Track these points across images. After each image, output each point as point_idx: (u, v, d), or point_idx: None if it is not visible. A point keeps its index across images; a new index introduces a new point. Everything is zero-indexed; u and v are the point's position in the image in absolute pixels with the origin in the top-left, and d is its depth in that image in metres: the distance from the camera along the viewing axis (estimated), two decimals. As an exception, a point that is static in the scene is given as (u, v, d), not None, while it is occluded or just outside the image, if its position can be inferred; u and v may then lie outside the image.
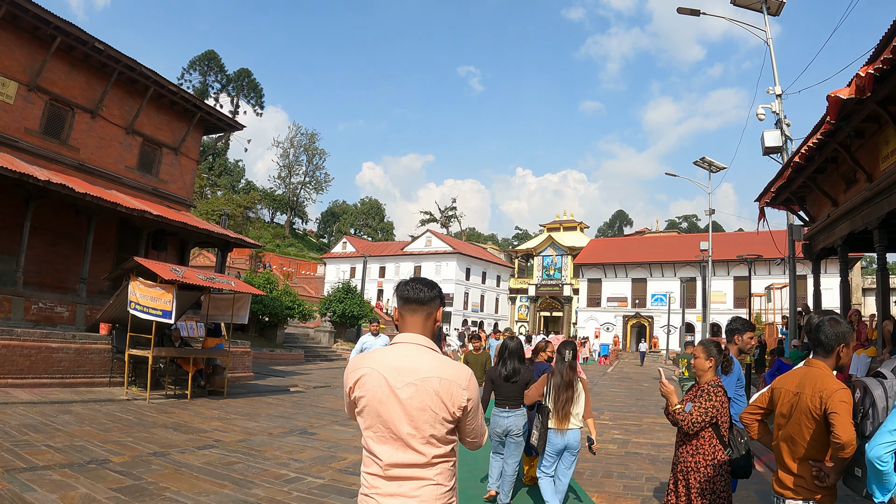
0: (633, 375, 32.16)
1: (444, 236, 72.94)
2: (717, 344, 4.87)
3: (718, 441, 4.53)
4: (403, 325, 2.68)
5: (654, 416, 15.93)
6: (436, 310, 2.70)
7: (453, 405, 2.47)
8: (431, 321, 2.68)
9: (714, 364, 4.74)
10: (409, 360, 2.51)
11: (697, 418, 4.47)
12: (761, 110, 18.79)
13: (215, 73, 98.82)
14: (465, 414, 2.53)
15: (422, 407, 2.44)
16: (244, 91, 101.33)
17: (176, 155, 22.51)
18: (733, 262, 53.36)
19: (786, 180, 13.62)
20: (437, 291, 2.71)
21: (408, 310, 2.67)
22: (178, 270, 14.03)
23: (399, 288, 2.72)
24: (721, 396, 4.53)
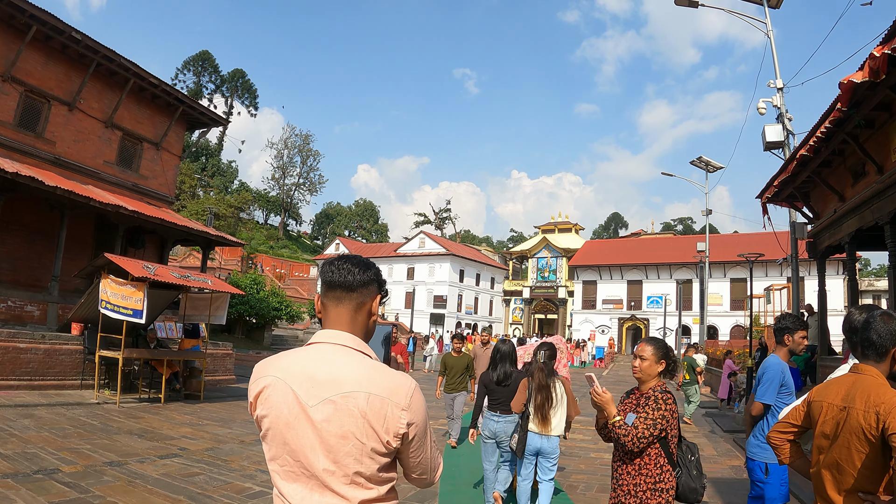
0: (629, 379, 31.40)
1: (437, 238, 72.24)
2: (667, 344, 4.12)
3: (666, 459, 3.74)
4: (326, 318, 1.99)
5: (651, 421, 15.32)
6: (370, 299, 2.00)
7: (387, 432, 1.80)
8: (364, 314, 2.00)
9: (665, 368, 3.98)
10: (329, 367, 1.84)
11: (644, 432, 3.66)
12: (762, 104, 18.19)
13: (209, 73, 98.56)
14: (405, 443, 1.86)
15: (342, 433, 1.77)
16: (238, 92, 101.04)
17: (157, 150, 21.80)
18: (730, 263, 52.88)
19: (790, 174, 12.96)
20: (372, 274, 2.01)
21: (332, 298, 1.98)
22: (151, 268, 13.32)
23: (322, 269, 2.02)
24: (671, 404, 3.76)
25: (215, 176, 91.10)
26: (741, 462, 10.31)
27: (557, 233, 69.44)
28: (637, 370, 3.99)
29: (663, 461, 3.72)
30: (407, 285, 64.28)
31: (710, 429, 14.38)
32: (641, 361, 3.98)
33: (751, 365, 15.29)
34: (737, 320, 52.10)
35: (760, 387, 4.96)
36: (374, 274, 2.02)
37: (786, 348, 5.05)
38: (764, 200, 15.35)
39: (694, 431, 13.77)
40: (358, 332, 1.96)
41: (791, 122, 17.69)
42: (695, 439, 12.64)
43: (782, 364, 4.91)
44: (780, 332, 5.11)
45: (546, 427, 5.96)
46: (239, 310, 28.02)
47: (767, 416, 4.87)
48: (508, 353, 7.01)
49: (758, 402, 4.93)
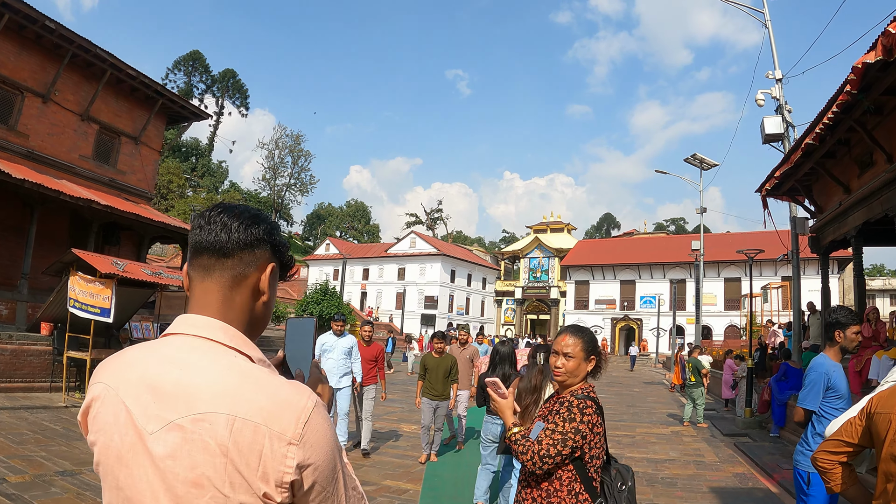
0: (623, 380, 30.83)
1: (428, 238, 71.54)
2: (594, 335, 3.15)
3: (583, 486, 2.79)
4: (191, 298, 1.26)
5: (647, 425, 14.64)
6: (255, 268, 1.27)
7: (265, 479, 1.08)
8: (246, 292, 1.26)
9: (595, 367, 3.01)
10: (179, 372, 1.13)
11: (548, 450, 2.74)
12: (760, 96, 17.63)
13: (200, 73, 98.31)
14: (300, 497, 1.12)
15: (195, 479, 1.06)
16: (229, 91, 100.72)
17: (136, 144, 21.10)
18: (724, 262, 52.44)
19: (793, 165, 12.33)
20: (260, 231, 1.27)
21: (198, 267, 1.26)
22: (120, 264, 12.65)
23: (191, 226, 1.28)
24: (591, 415, 2.79)
25: (205, 176, 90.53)
26: (745, 469, 9.71)
27: (549, 233, 68.77)
28: (560, 372, 2.98)
29: (579, 488, 2.79)
30: (398, 286, 63.64)
31: (709, 432, 13.76)
32: (567, 360, 2.97)
33: (751, 366, 14.67)
34: (731, 320, 51.66)
35: (803, 390, 4.27)
36: (265, 231, 1.28)
37: (836, 346, 4.27)
38: (764, 194, 14.75)
39: (692, 435, 13.16)
40: (235, 318, 1.24)
41: (791, 114, 17.17)
42: (693, 444, 12.03)
43: (829, 364, 4.18)
44: (830, 327, 4.32)
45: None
46: (223, 310, 27.14)
47: (814, 421, 4.15)
48: (508, 355, 6.91)
49: (799, 408, 4.24)
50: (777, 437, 12.64)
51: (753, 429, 13.87)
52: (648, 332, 54.49)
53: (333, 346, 9.03)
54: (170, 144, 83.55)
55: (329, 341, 9.14)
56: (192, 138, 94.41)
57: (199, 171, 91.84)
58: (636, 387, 26.43)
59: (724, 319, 52.21)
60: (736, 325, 50.68)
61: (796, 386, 12.66)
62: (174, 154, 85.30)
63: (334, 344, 9.07)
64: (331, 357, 8.95)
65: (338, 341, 9.08)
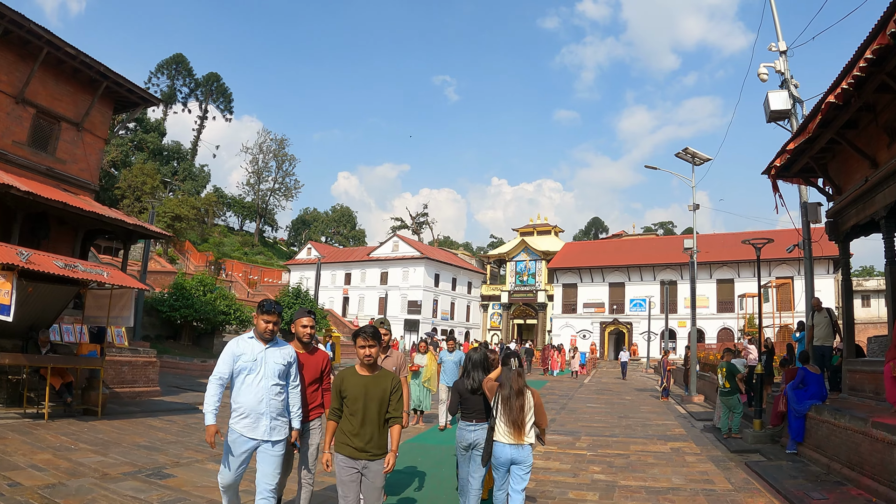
0: (613, 386, 28.96)
1: (411, 241, 69.62)
2: None
3: None
4: None
5: (643, 440, 12.78)
6: None
7: None
8: None
9: None
10: None
11: None
12: (763, 70, 15.93)
13: (183, 77, 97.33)
14: None
15: None
16: (213, 95, 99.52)
17: (78, 131, 19.10)
18: (716, 264, 50.88)
19: (810, 136, 10.51)
20: None
21: None
22: (24, 254, 10.71)
23: None
24: None
25: (186, 180, 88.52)
26: (766, 499, 7.86)
27: (536, 235, 67.05)
28: None
29: None
30: (380, 290, 61.75)
31: (715, 448, 11.91)
32: None
33: (760, 371, 12.80)
34: (724, 323, 50.03)
35: None
36: None
37: None
38: (773, 175, 12.92)
39: (696, 454, 11.30)
40: None
41: (797, 89, 15.46)
42: (699, 465, 10.17)
43: None
44: None
45: (520, 436, 5.80)
46: (184, 314, 25.39)
47: None
48: (480, 361, 6.70)
49: None
50: (795, 454, 10.79)
51: (765, 444, 12.04)
52: (639, 335, 52.74)
53: (259, 361, 5.15)
54: (150, 147, 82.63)
55: (249, 351, 5.20)
56: (174, 142, 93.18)
57: (181, 174, 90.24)
58: (628, 394, 24.54)
59: (717, 322, 50.54)
60: (730, 328, 49.05)
61: (817, 394, 10.83)
62: (154, 157, 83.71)
63: (259, 356, 5.18)
64: (252, 381, 5.10)
65: (267, 352, 5.21)
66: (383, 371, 5.02)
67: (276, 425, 5.11)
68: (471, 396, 6.52)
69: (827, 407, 10.07)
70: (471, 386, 6.54)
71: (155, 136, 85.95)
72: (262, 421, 5.03)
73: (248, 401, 5.02)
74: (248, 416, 5.01)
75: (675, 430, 14.50)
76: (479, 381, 6.48)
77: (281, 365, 5.22)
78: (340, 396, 4.85)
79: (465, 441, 6.41)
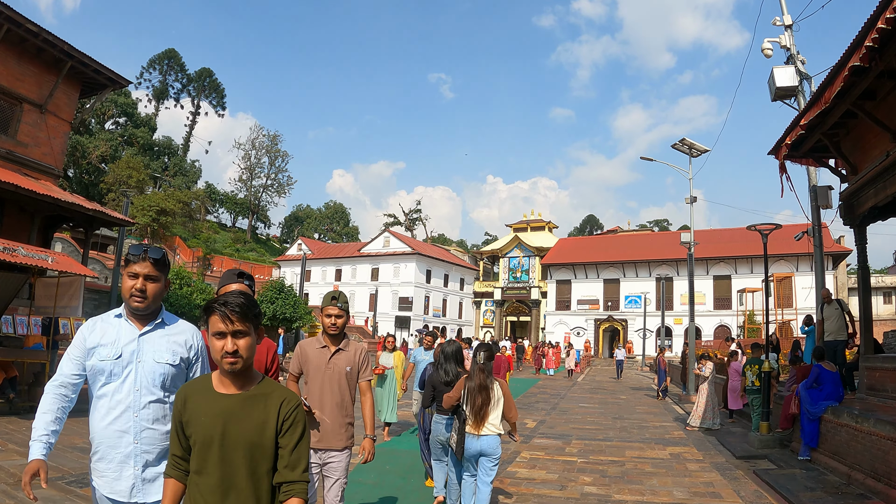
0: (608, 385, 27.88)
1: (403, 236, 68.36)
2: None
3: None
4: None
5: (639, 444, 11.66)
6: None
7: None
8: None
9: None
10: None
11: None
12: (767, 45, 14.85)
13: (175, 72, 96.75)
14: None
15: None
16: (206, 91, 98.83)
17: (42, 113, 17.98)
18: (713, 260, 49.86)
19: (827, 105, 9.39)
20: None
21: None
22: (-50, 239, 9.60)
23: None
24: None
25: (177, 175, 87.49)
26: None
27: (530, 231, 65.91)
28: None
29: None
30: (370, 287, 60.55)
31: (718, 453, 10.81)
32: None
33: (768, 369, 11.70)
34: (721, 320, 48.98)
35: None
36: None
37: None
38: (782, 155, 11.81)
39: (698, 460, 10.21)
40: None
41: (804, 65, 14.38)
42: (702, 473, 9.07)
43: None
44: None
45: (480, 427, 5.79)
46: (158, 309, 24.09)
47: None
48: (453, 354, 6.75)
49: None
50: (808, 460, 9.70)
51: (772, 448, 10.96)
52: (634, 333, 51.72)
53: (127, 358, 2.85)
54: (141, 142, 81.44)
55: (113, 338, 2.88)
56: (164, 137, 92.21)
57: (171, 170, 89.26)
58: (623, 393, 23.43)
59: (713, 319, 49.50)
60: (726, 325, 47.98)
61: (833, 394, 9.73)
62: (145, 152, 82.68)
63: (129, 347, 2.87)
64: (113, 393, 2.83)
65: (144, 339, 2.89)
66: (264, 385, 2.45)
67: (154, 476, 2.81)
68: (445, 389, 6.45)
69: (846, 408, 8.99)
70: (443, 379, 6.57)
71: (145, 132, 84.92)
72: (126, 469, 2.77)
73: (105, 431, 2.77)
74: (106, 460, 2.78)
75: (673, 432, 13.41)
76: (453, 374, 6.55)
77: (166, 365, 2.84)
78: (183, 434, 2.40)
79: (443, 434, 6.50)
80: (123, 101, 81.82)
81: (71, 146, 67.80)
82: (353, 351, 4.58)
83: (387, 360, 11.28)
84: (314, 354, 4.51)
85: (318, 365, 4.47)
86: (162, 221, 51.68)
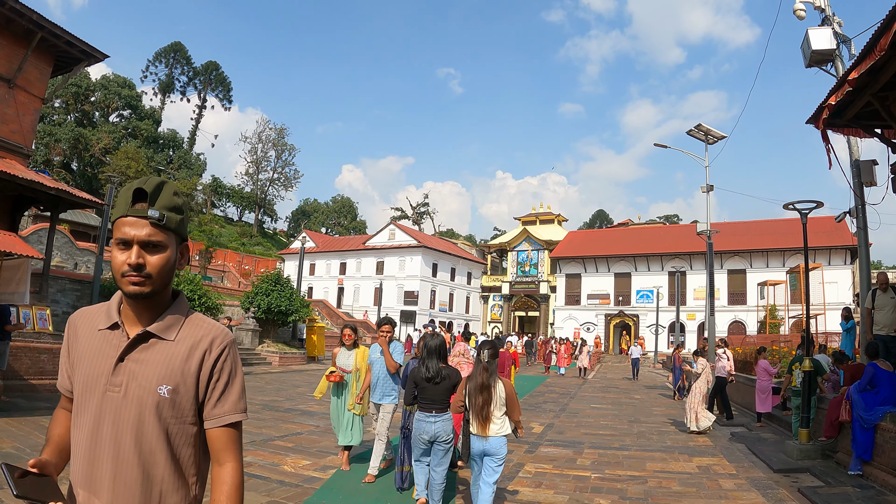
0: (620, 383, 26.37)
1: (408, 229, 66.71)
2: None
3: None
4: None
5: (661, 455, 10.19)
6: None
7: None
8: None
9: None
10: None
11: None
12: (800, 5, 13.36)
13: (182, 65, 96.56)
14: None
15: None
16: (212, 84, 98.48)
17: (10, 88, 16.69)
18: (727, 253, 48.19)
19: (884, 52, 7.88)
20: None
21: None
22: None
23: None
24: None
25: (181, 168, 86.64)
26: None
27: (539, 224, 64.30)
28: None
29: None
30: (375, 280, 59.11)
31: (753, 468, 9.33)
32: None
33: (809, 368, 10.21)
34: (735, 315, 47.35)
35: None
36: None
37: None
38: (823, 122, 10.30)
39: (731, 474, 8.74)
40: None
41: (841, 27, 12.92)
42: (739, 493, 7.60)
43: None
44: None
45: (486, 429, 5.53)
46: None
47: None
48: (436, 348, 6.39)
49: None
50: (860, 475, 8.26)
51: (813, 459, 9.52)
52: (646, 328, 50.14)
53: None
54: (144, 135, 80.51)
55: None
56: (169, 130, 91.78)
57: (176, 163, 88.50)
58: (637, 392, 21.93)
59: (727, 315, 47.80)
60: (741, 321, 46.42)
61: (891, 399, 8.26)
62: (149, 145, 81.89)
63: None
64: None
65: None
66: None
67: None
68: (428, 385, 6.23)
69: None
70: (425, 375, 6.26)
71: (149, 124, 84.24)
72: None
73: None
74: None
75: (697, 438, 11.94)
76: (436, 370, 6.26)
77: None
78: None
79: (426, 433, 6.10)
80: (127, 94, 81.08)
81: (73, 139, 66.93)
82: (192, 343, 1.86)
83: (346, 361, 8.30)
84: (91, 345, 1.85)
85: (95, 372, 1.81)
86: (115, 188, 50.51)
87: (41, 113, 18.78)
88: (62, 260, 35.86)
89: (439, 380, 6.23)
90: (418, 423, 6.23)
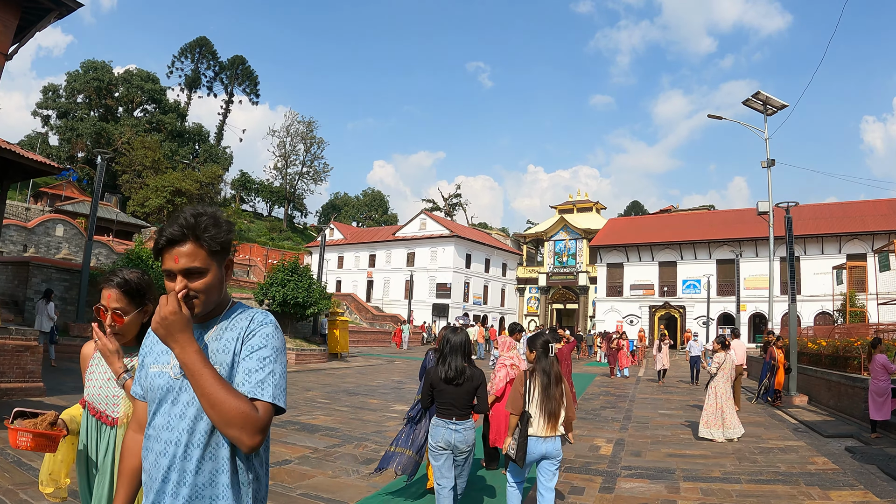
0: (679, 383, 23.40)
1: (440, 218, 63.95)
2: None
3: None
4: None
5: (783, 487, 7.29)
6: None
7: None
8: None
9: None
10: None
11: None
12: None
13: (207, 60, 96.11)
14: None
15: None
16: (238, 79, 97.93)
17: (-29, 44, 14.44)
18: (779, 239, 44.68)
19: None
20: None
21: None
22: None
23: None
24: None
25: (207, 162, 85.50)
26: None
27: (576, 213, 61.33)
28: None
29: None
30: (406, 272, 56.62)
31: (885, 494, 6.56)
32: None
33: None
34: (786, 307, 43.89)
35: None
36: None
37: None
38: None
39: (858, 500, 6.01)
40: None
41: None
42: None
43: None
44: None
45: (554, 429, 5.14)
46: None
47: None
48: (460, 345, 5.51)
49: None
50: None
51: None
52: (693, 321, 47.01)
53: None
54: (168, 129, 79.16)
55: None
56: (194, 124, 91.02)
57: (202, 156, 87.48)
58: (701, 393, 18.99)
59: (781, 305, 44.47)
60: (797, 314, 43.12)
61: None
62: (173, 138, 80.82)
63: None
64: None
65: None
66: None
67: None
68: (447, 387, 5.36)
69: None
70: (446, 374, 5.37)
71: (173, 118, 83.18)
72: None
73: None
74: None
75: (814, 458, 9.12)
76: (458, 369, 5.37)
77: None
78: None
79: (445, 440, 5.26)
80: (151, 88, 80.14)
81: (96, 133, 65.79)
82: None
83: None
84: None
85: None
86: (177, 203, 48.38)
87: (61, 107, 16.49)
88: (71, 252, 34.10)
89: (462, 381, 5.39)
90: (435, 429, 5.47)
